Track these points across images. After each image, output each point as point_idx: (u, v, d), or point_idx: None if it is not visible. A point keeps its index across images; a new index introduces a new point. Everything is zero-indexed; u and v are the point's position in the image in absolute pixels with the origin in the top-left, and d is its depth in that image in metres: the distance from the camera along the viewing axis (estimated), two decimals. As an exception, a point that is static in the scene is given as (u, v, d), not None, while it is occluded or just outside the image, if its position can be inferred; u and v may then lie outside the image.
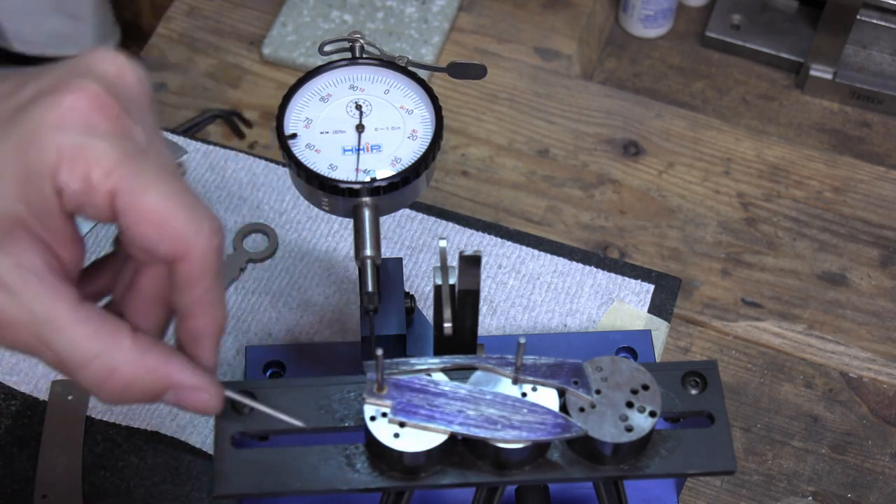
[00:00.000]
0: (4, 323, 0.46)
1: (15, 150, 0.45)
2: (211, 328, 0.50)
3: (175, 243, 0.47)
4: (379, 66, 0.67)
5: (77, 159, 0.45)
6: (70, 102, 0.46)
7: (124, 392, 0.48)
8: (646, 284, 0.88)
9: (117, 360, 0.48)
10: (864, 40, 1.01)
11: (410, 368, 0.57)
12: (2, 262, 0.45)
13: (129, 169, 0.46)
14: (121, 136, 0.46)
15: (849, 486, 0.82)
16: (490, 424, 0.56)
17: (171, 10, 1.07)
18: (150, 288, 0.51)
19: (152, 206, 0.46)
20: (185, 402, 0.50)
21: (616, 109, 1.01)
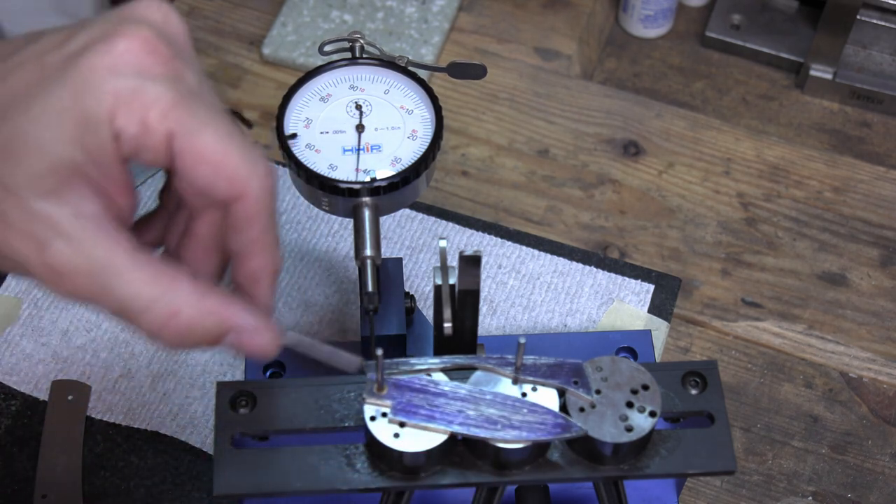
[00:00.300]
0: (65, 271, 0.46)
1: (71, 97, 0.45)
2: (269, 268, 0.51)
3: (232, 183, 0.47)
4: (379, 66, 0.67)
5: (134, 102, 0.45)
6: (123, 47, 0.46)
7: (186, 335, 0.48)
8: (646, 284, 0.88)
9: (178, 303, 0.48)
10: (864, 40, 1.01)
11: (410, 368, 0.57)
12: (61, 210, 0.46)
13: (185, 110, 0.46)
14: (174, 78, 0.47)
15: (849, 486, 0.82)
16: (490, 424, 0.56)
17: (171, 10, 1.07)
18: (206, 234, 0.51)
19: (209, 146, 0.47)
20: (245, 344, 0.50)
21: (616, 109, 1.01)
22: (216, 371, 0.84)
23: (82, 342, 0.84)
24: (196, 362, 0.84)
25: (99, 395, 0.82)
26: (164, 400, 0.82)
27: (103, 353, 0.84)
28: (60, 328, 0.85)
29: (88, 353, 0.84)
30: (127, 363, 0.83)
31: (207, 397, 0.82)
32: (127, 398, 0.82)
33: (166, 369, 0.83)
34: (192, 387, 0.83)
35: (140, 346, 0.84)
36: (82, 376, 0.83)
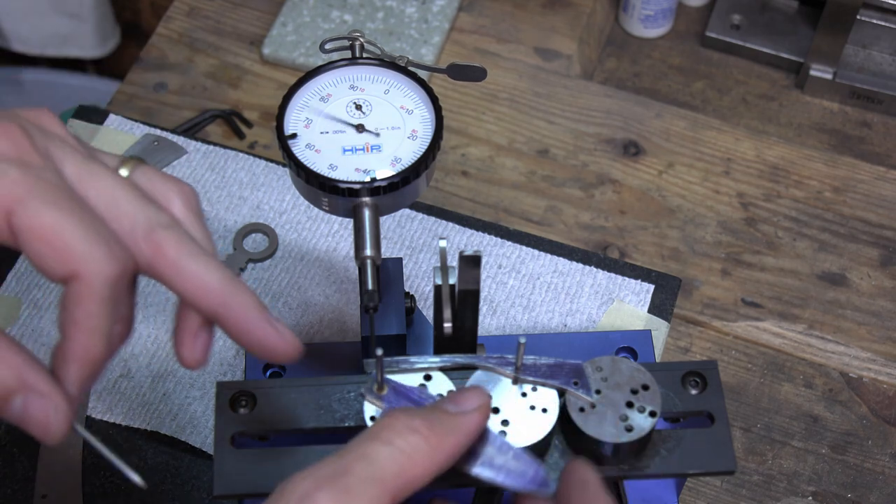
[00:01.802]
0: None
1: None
2: (80, 353, 0.49)
3: (65, 262, 0.47)
4: (379, 66, 0.67)
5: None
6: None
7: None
8: (646, 284, 0.88)
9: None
10: (864, 40, 1.01)
11: (410, 367, 0.57)
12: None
13: (26, 189, 0.47)
14: (25, 162, 0.48)
15: (849, 486, 0.82)
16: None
17: (171, 10, 1.07)
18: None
19: (46, 223, 0.47)
20: (30, 410, 0.48)
21: (616, 109, 1.01)
22: (216, 371, 0.84)
23: (82, 342, 0.84)
24: (196, 362, 0.84)
25: (99, 395, 0.82)
26: (164, 400, 0.82)
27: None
28: (60, 328, 0.85)
29: (88, 353, 0.84)
30: (127, 363, 0.83)
31: (207, 397, 0.82)
32: (127, 398, 0.82)
33: (166, 369, 0.83)
34: (192, 387, 0.83)
35: (140, 347, 0.84)
36: (82, 376, 0.83)
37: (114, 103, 1.01)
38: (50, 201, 0.47)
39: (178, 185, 0.53)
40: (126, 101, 1.01)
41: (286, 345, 0.51)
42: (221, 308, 0.50)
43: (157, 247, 0.49)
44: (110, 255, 0.48)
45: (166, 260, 0.50)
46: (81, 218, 0.48)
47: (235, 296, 0.50)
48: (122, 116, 0.96)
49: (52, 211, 0.47)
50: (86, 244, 0.47)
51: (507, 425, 0.56)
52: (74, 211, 0.47)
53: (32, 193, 0.47)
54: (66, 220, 0.47)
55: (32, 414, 0.48)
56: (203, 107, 1.01)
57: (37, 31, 1.45)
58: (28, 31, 1.45)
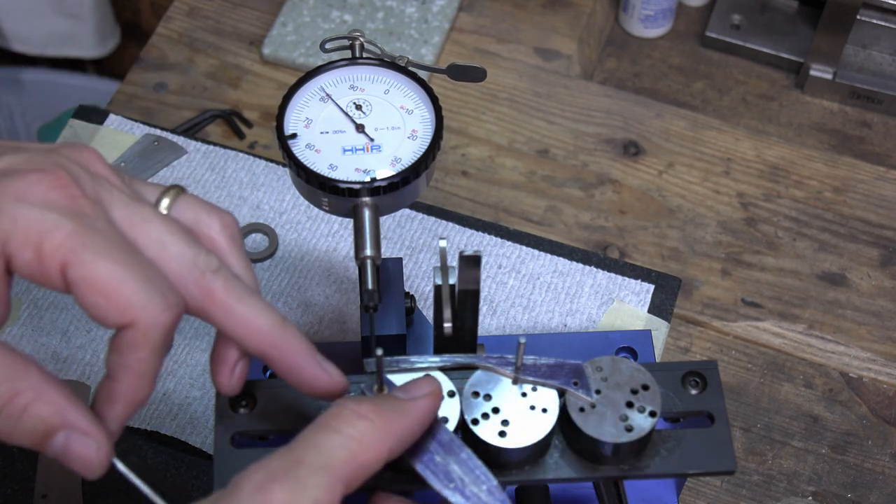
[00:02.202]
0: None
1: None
2: (129, 395, 0.50)
3: (122, 312, 0.48)
4: (379, 66, 0.67)
5: (30, 230, 0.47)
6: (35, 178, 0.48)
7: (20, 417, 0.48)
8: (646, 284, 0.88)
9: (22, 387, 0.48)
10: (864, 40, 1.01)
11: (410, 367, 0.57)
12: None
13: (81, 241, 0.48)
14: (77, 213, 0.48)
15: (849, 486, 0.82)
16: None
17: (171, 10, 1.07)
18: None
19: (101, 275, 0.48)
20: (72, 447, 0.49)
21: (616, 109, 1.01)
22: (216, 371, 0.83)
23: (82, 342, 0.84)
24: (196, 362, 0.84)
25: (99, 395, 0.82)
26: (164, 400, 0.82)
27: (103, 353, 0.84)
28: (60, 328, 0.85)
29: (88, 353, 0.84)
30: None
31: (207, 397, 0.82)
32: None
33: (166, 369, 0.83)
34: (192, 387, 0.83)
35: (140, 346, 0.84)
36: (82, 376, 0.83)
37: (114, 103, 1.01)
38: (104, 253, 0.48)
39: (219, 215, 0.54)
40: (126, 101, 1.01)
41: (335, 384, 0.54)
42: (271, 349, 0.52)
43: (208, 292, 0.51)
44: (165, 305, 0.49)
45: (216, 304, 0.51)
46: (136, 267, 0.48)
47: (286, 339, 0.52)
48: (122, 116, 0.96)
49: (106, 263, 0.48)
50: (142, 294, 0.48)
51: (507, 425, 0.56)
52: (128, 261, 0.48)
53: (86, 245, 0.48)
54: (121, 271, 0.48)
55: (74, 451, 0.49)
56: (203, 107, 1.01)
57: (37, 31, 1.45)
58: (28, 31, 1.45)
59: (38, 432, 0.48)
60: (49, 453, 0.49)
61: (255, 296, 0.52)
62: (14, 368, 0.48)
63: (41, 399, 0.48)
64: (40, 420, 0.48)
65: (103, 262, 0.48)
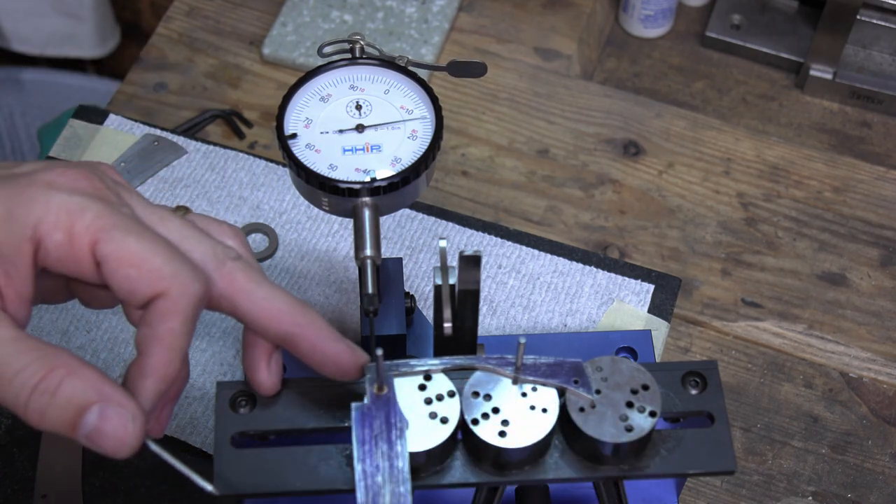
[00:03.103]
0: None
1: (3, 196, 0.49)
2: (161, 369, 0.51)
3: (154, 282, 0.50)
4: (379, 66, 0.67)
5: (62, 213, 0.49)
6: (61, 170, 0.51)
7: (55, 394, 0.48)
8: (646, 284, 0.88)
9: (56, 363, 0.48)
10: (864, 40, 1.01)
11: (410, 369, 0.57)
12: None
13: (110, 220, 0.50)
14: (104, 197, 0.51)
15: (849, 486, 0.82)
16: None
17: (171, 10, 1.07)
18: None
19: (132, 249, 0.50)
20: (106, 422, 0.49)
21: (616, 109, 1.01)
22: (216, 371, 0.84)
23: (82, 342, 0.84)
24: (196, 362, 0.84)
25: (99, 395, 0.82)
26: (164, 400, 0.82)
27: (103, 353, 0.84)
28: (60, 328, 0.85)
29: (88, 353, 0.84)
30: (127, 363, 0.83)
31: (207, 397, 0.82)
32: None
33: (166, 369, 0.83)
34: (192, 387, 0.83)
35: (140, 346, 0.84)
36: (82, 376, 0.83)
37: (114, 103, 1.01)
38: (133, 230, 0.50)
39: (229, 226, 0.56)
40: (126, 101, 1.01)
41: (357, 360, 0.55)
42: (295, 328, 0.53)
43: (230, 277, 0.52)
44: (195, 276, 0.50)
45: (239, 289, 0.53)
46: (164, 244, 0.51)
47: (306, 319, 0.53)
48: (122, 116, 0.96)
49: (136, 238, 0.50)
50: (172, 264, 0.50)
51: (507, 425, 0.56)
52: (156, 238, 0.51)
53: (115, 224, 0.50)
54: (151, 245, 0.50)
55: (108, 426, 0.49)
56: (203, 107, 1.01)
57: (37, 31, 1.45)
58: (28, 31, 1.45)
59: (72, 408, 0.48)
60: (80, 435, 0.49)
61: (273, 284, 0.54)
62: (45, 350, 0.49)
63: (75, 375, 0.49)
64: (74, 395, 0.48)
65: (133, 237, 0.50)
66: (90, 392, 0.49)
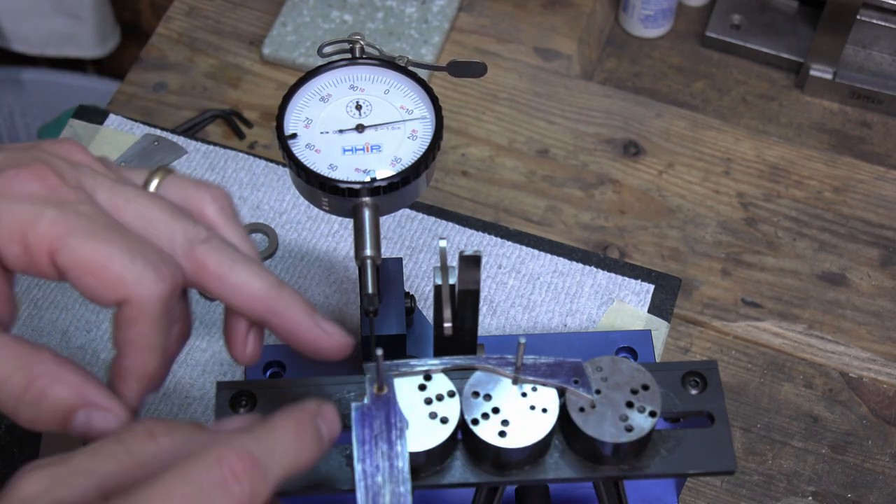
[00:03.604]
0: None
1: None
2: (138, 370, 0.51)
3: (115, 289, 0.49)
4: (379, 66, 0.67)
5: (13, 223, 0.48)
6: (13, 174, 0.49)
7: (41, 402, 0.49)
8: (646, 284, 0.88)
9: (36, 371, 0.49)
10: (864, 40, 1.01)
11: (410, 369, 0.57)
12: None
13: (64, 227, 0.48)
14: (59, 200, 0.49)
15: (849, 486, 0.82)
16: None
17: (171, 10, 1.07)
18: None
19: (89, 256, 0.48)
20: (94, 424, 0.50)
21: (616, 109, 1.01)
22: (216, 371, 0.84)
23: (82, 342, 0.84)
24: (196, 362, 0.84)
25: (99, 395, 0.82)
26: (164, 400, 0.82)
27: (103, 353, 0.84)
28: (60, 328, 0.85)
29: (88, 353, 0.84)
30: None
31: (207, 397, 0.82)
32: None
33: (166, 369, 0.83)
34: (192, 387, 0.83)
35: (140, 346, 0.84)
36: (82, 376, 0.83)
37: (114, 103, 1.01)
38: (90, 234, 0.48)
39: (210, 191, 0.54)
40: (126, 101, 1.01)
41: (336, 344, 0.53)
42: (268, 314, 0.52)
43: (198, 263, 0.51)
44: (158, 277, 0.49)
45: (209, 274, 0.51)
46: (123, 244, 0.49)
47: (280, 301, 0.52)
48: (122, 116, 0.96)
49: (93, 243, 0.48)
50: (132, 270, 0.49)
51: (507, 425, 0.56)
52: (114, 239, 0.49)
53: (71, 230, 0.48)
54: (109, 249, 0.48)
55: (97, 427, 0.50)
56: (203, 107, 1.01)
57: (37, 31, 1.45)
58: (28, 31, 1.45)
59: (59, 413, 0.49)
60: (74, 434, 0.50)
61: (248, 262, 0.52)
62: (27, 357, 0.49)
63: (57, 381, 0.49)
64: (59, 401, 0.49)
65: (89, 243, 0.48)
66: (74, 398, 0.49)
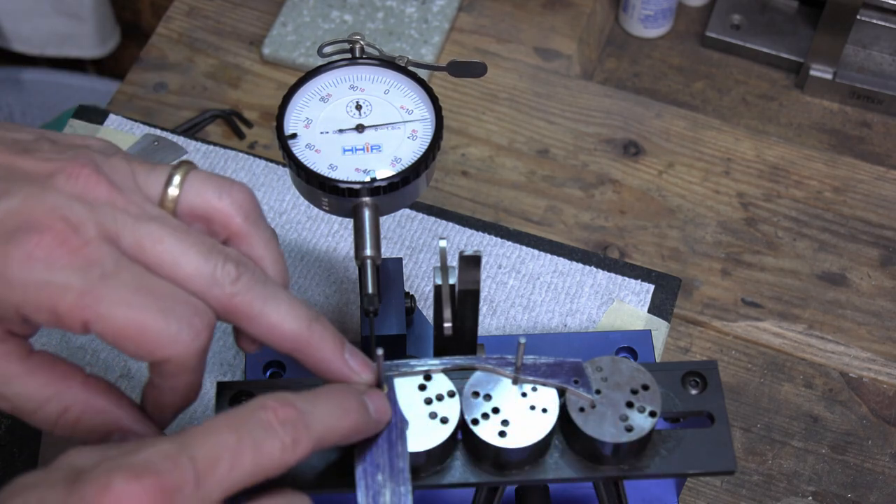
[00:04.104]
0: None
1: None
2: (178, 405, 0.53)
3: (154, 352, 0.49)
4: (379, 66, 0.67)
5: (41, 297, 0.48)
6: (36, 241, 0.48)
7: (75, 429, 0.52)
8: (646, 284, 0.88)
9: (67, 400, 0.51)
10: (864, 40, 1.01)
11: (410, 369, 0.57)
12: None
13: (95, 296, 0.48)
14: (85, 265, 0.48)
15: (849, 486, 0.82)
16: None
17: (171, 10, 1.07)
18: None
19: (122, 324, 0.48)
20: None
21: (616, 109, 1.01)
22: (216, 371, 0.83)
23: (82, 342, 0.84)
24: (196, 362, 0.83)
25: (99, 395, 0.82)
26: (164, 400, 0.82)
27: (103, 353, 0.84)
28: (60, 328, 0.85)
29: (88, 353, 0.84)
30: (127, 363, 0.83)
31: (207, 397, 0.82)
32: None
33: (166, 369, 0.83)
34: (192, 387, 0.83)
35: (140, 346, 0.84)
36: (82, 376, 0.83)
37: (114, 103, 1.01)
38: (121, 302, 0.48)
39: (232, 195, 0.53)
40: (126, 101, 1.01)
41: (357, 378, 0.55)
42: (299, 352, 0.53)
43: (231, 306, 0.51)
44: (194, 334, 0.49)
45: (240, 315, 0.52)
46: (155, 306, 0.49)
47: (311, 341, 0.53)
48: (122, 116, 0.96)
49: (125, 311, 0.48)
50: (168, 332, 0.49)
51: (507, 425, 0.56)
52: (146, 304, 0.48)
53: (100, 299, 0.48)
54: (143, 315, 0.48)
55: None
56: (203, 107, 1.01)
57: (37, 31, 1.45)
58: (28, 31, 1.45)
59: (94, 437, 0.52)
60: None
61: (280, 297, 0.52)
62: (57, 385, 0.51)
63: (88, 411, 0.51)
64: (94, 429, 0.52)
65: (122, 311, 0.48)
66: (106, 426, 0.52)
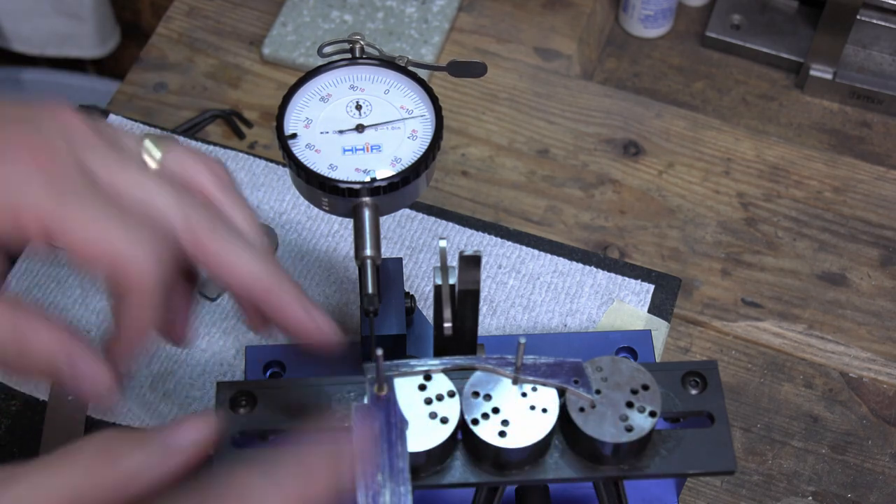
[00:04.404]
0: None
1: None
2: (130, 336, 0.52)
3: (113, 267, 0.49)
4: (379, 66, 0.67)
5: (5, 206, 0.48)
6: (10, 156, 0.49)
7: (25, 352, 0.49)
8: (646, 284, 0.88)
9: (23, 324, 0.49)
10: (864, 40, 1.01)
11: (410, 369, 0.57)
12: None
13: (60, 207, 0.49)
14: (53, 179, 0.49)
15: (849, 486, 0.82)
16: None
17: (171, 10, 1.07)
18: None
19: (86, 236, 0.49)
20: (80, 370, 0.50)
21: (616, 109, 1.01)
22: (216, 371, 0.84)
23: (82, 341, 0.84)
24: (196, 362, 0.84)
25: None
26: (164, 400, 0.82)
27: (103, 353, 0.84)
28: (60, 328, 0.85)
29: (88, 352, 0.84)
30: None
31: (207, 397, 0.82)
32: (127, 398, 0.82)
33: (166, 369, 0.83)
34: (192, 387, 0.83)
35: (140, 346, 0.84)
36: (82, 376, 0.83)
37: (114, 103, 1.01)
38: (87, 216, 0.49)
39: (207, 163, 0.55)
40: (126, 101, 1.01)
41: (321, 333, 0.55)
42: (262, 298, 0.53)
43: (197, 243, 0.52)
44: (157, 259, 0.50)
45: (206, 255, 0.52)
46: (119, 219, 0.49)
47: (275, 287, 0.53)
48: (122, 116, 0.96)
49: (90, 224, 0.49)
50: (132, 250, 0.49)
51: (507, 425, 0.56)
52: (113, 219, 0.49)
53: (66, 211, 0.49)
54: (107, 228, 0.49)
55: (82, 373, 0.51)
56: (203, 107, 1.01)
57: (37, 31, 1.45)
58: (28, 31, 1.45)
59: (45, 361, 0.50)
60: (64, 384, 0.51)
61: (244, 244, 0.53)
62: (17, 312, 0.49)
63: (43, 331, 0.50)
64: (43, 350, 0.50)
65: (86, 223, 0.49)
66: (57, 348, 0.50)
